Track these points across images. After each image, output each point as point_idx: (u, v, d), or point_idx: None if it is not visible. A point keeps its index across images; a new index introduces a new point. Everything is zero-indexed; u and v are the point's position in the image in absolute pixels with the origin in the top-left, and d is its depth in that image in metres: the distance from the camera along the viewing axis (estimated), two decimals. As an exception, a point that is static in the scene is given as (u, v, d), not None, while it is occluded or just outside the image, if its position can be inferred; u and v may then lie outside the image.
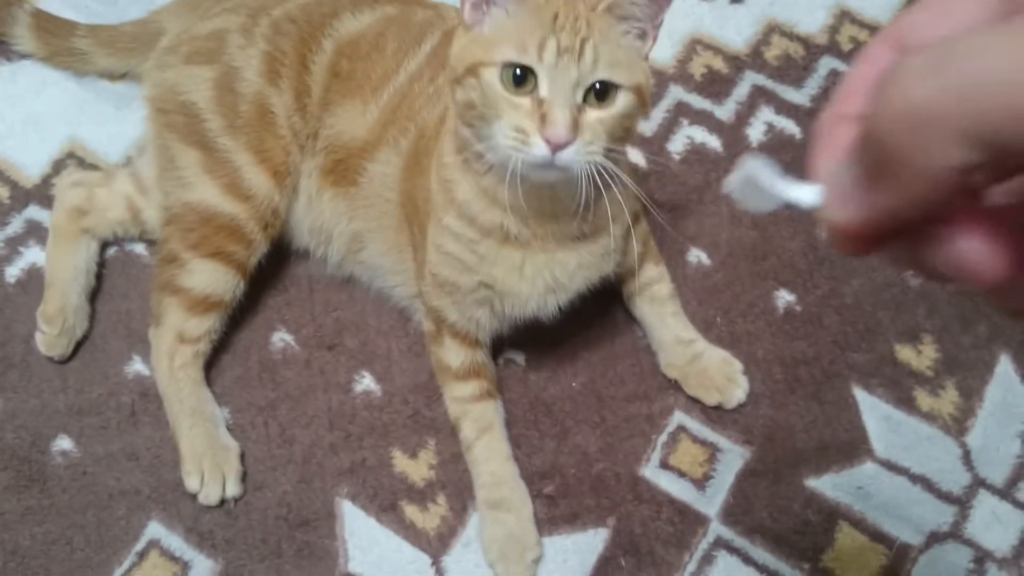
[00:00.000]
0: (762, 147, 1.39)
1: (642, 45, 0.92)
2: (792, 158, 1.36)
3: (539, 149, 0.86)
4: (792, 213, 1.30)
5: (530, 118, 0.86)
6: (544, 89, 0.86)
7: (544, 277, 1.02)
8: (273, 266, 1.23)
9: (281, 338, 1.24)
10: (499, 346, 1.22)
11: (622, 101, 0.89)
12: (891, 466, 1.17)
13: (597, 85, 0.87)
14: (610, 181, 0.89)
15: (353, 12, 1.19)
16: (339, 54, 1.17)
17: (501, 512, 1.11)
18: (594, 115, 0.88)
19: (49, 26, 1.35)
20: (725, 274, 1.29)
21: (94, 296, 1.26)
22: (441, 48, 1.13)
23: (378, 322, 1.25)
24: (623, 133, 0.91)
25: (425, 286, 1.10)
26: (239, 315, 1.23)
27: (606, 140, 0.88)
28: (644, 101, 0.92)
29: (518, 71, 0.86)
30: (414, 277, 1.15)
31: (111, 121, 1.37)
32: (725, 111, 1.42)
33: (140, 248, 1.30)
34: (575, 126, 0.86)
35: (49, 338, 1.20)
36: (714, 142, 1.40)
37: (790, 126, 1.41)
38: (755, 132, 1.40)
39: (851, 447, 1.18)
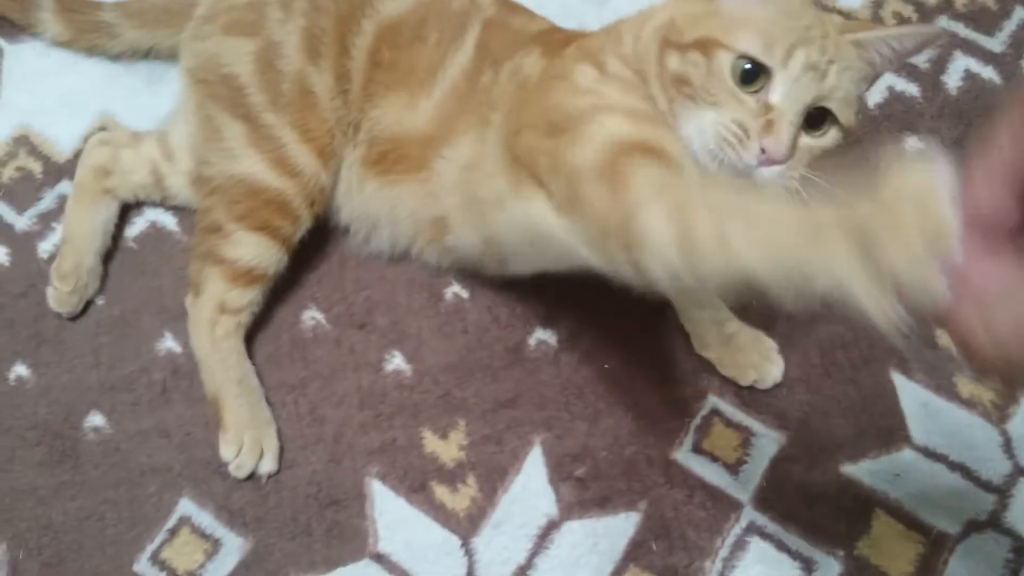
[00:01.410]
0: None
1: (865, 86, 0.92)
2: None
3: (750, 155, 0.84)
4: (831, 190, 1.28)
5: (754, 119, 0.84)
6: (777, 96, 0.84)
7: None
8: (304, 244, 1.22)
9: (312, 316, 1.24)
10: (531, 325, 1.20)
11: (832, 137, 0.89)
12: (929, 453, 1.15)
13: (818, 113, 0.86)
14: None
15: None
16: (380, 40, 1.14)
17: None
18: (807, 141, 0.87)
19: (73, 5, 1.34)
20: None
21: (114, 265, 1.27)
22: (485, 39, 1.12)
23: (408, 301, 1.24)
24: (817, 163, 0.90)
25: (595, 128, 0.88)
26: (274, 291, 1.22)
27: (805, 168, 0.87)
28: (849, 134, 0.91)
29: (753, 69, 0.84)
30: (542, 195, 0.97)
31: (143, 95, 1.36)
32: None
33: (171, 224, 1.29)
34: (793, 145, 0.85)
35: (61, 295, 1.20)
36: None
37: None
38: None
39: (888, 433, 1.16)
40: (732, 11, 0.88)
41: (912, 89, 1.38)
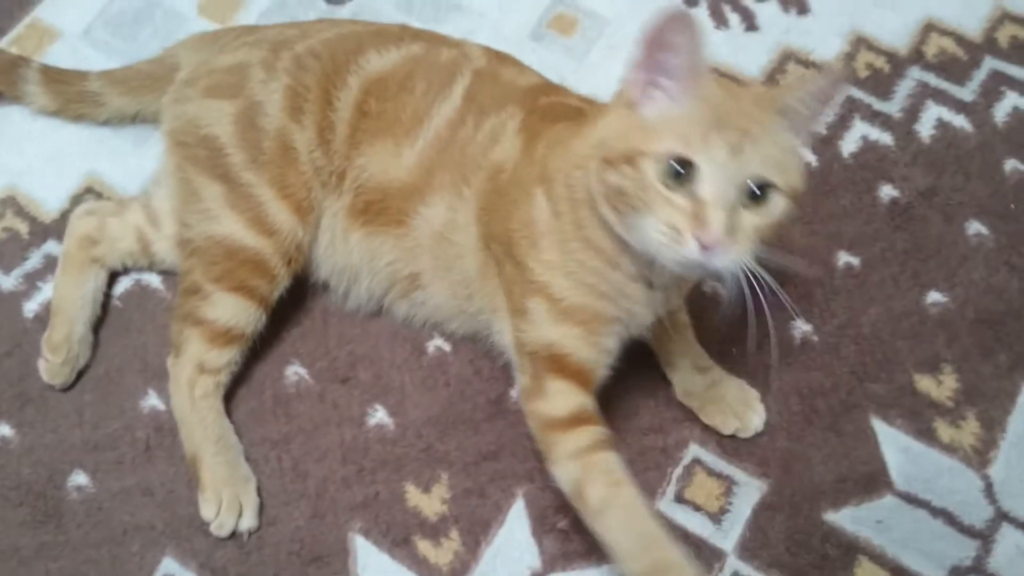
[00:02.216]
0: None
1: (798, 139, 0.93)
2: (808, 188, 1.33)
3: (690, 251, 0.86)
4: (809, 243, 1.29)
5: (684, 216, 0.86)
6: (704, 186, 0.86)
7: (662, 302, 1.06)
8: (285, 300, 1.22)
9: (295, 371, 1.24)
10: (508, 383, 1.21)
11: (778, 205, 0.89)
12: (911, 499, 1.15)
13: (756, 187, 0.87)
14: (755, 281, 0.89)
15: (378, 50, 1.19)
16: (366, 92, 1.16)
17: None
18: (750, 220, 0.88)
19: (59, 76, 1.36)
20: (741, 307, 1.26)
21: (101, 327, 1.27)
22: (474, 89, 1.13)
23: (392, 355, 1.25)
24: (773, 236, 0.91)
25: (528, 323, 1.04)
26: (254, 348, 1.22)
27: (756, 244, 0.89)
28: (796, 201, 0.92)
29: (678, 166, 0.86)
30: (507, 318, 1.09)
31: (129, 156, 1.39)
32: None
33: (156, 282, 1.30)
34: (731, 229, 0.86)
35: (53, 366, 1.20)
36: None
37: (806, 155, 1.36)
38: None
39: (870, 480, 1.16)
40: (650, 119, 0.90)
41: (886, 138, 1.40)
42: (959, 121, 1.41)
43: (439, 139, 1.12)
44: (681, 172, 0.86)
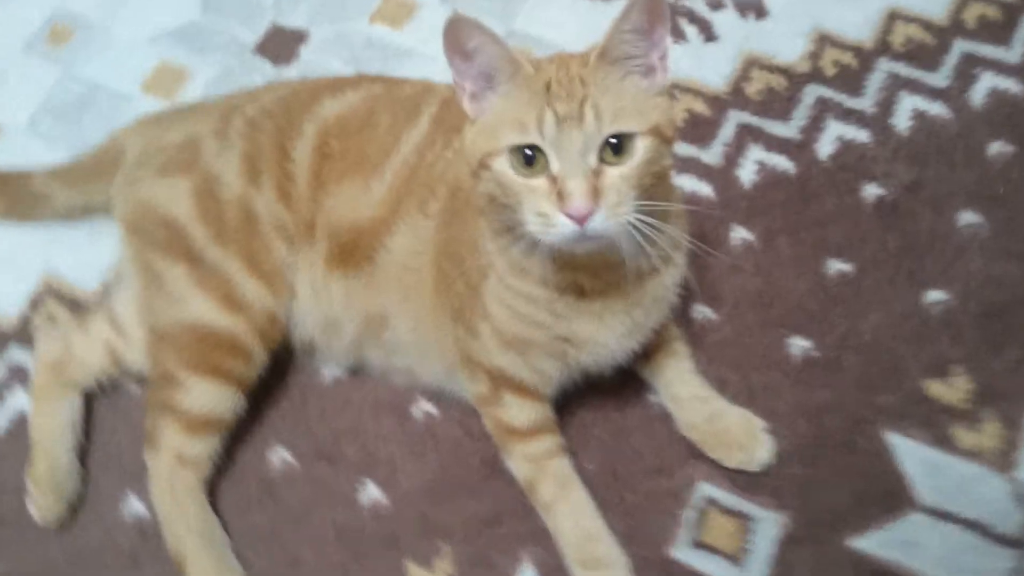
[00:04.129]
0: (755, 187, 1.32)
1: (650, 81, 0.89)
2: (786, 196, 1.30)
3: (565, 227, 0.84)
4: (796, 252, 1.24)
5: (547, 198, 0.85)
6: (554, 164, 0.85)
7: (624, 321, 1.01)
8: (262, 380, 1.17)
9: (278, 454, 1.19)
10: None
11: (641, 149, 0.86)
12: (938, 513, 1.08)
13: (612, 140, 0.85)
14: (653, 230, 0.87)
15: (334, 95, 1.17)
16: (325, 135, 1.14)
17: (600, 571, 1.05)
18: (614, 173, 0.85)
19: (2, 178, 1.33)
20: (733, 327, 1.22)
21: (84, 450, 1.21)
22: (443, 114, 1.12)
23: (376, 426, 1.20)
24: (653, 180, 0.88)
25: (480, 344, 1.05)
26: (234, 434, 1.17)
27: (635, 194, 0.86)
28: (667, 138, 0.89)
29: (527, 152, 0.86)
30: (457, 338, 1.09)
31: (85, 250, 1.34)
32: (713, 155, 1.36)
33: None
34: (594, 193, 0.84)
35: (41, 503, 1.14)
36: (705, 189, 1.33)
37: (782, 162, 1.34)
38: (746, 173, 1.34)
39: (892, 498, 1.09)
40: (490, 122, 0.89)
41: (862, 135, 1.35)
42: (936, 109, 1.37)
43: (407, 166, 1.10)
44: (532, 157, 0.86)
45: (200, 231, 1.11)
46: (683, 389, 1.15)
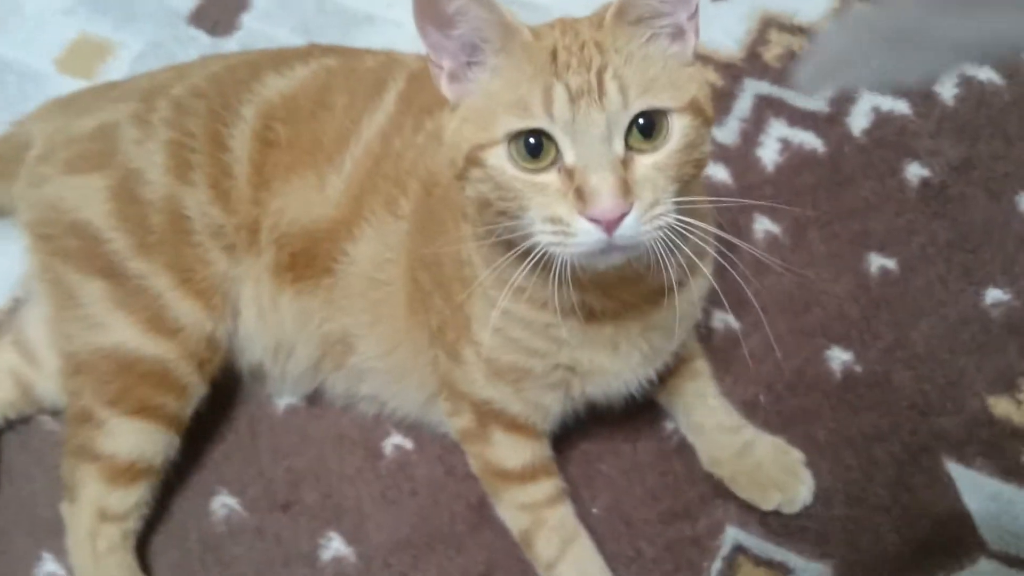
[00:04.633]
0: (779, 170, 1.17)
1: (680, 46, 0.75)
2: (816, 180, 1.15)
3: (589, 235, 0.70)
4: (831, 248, 1.09)
5: (563, 199, 0.70)
6: (569, 153, 0.70)
7: (640, 347, 0.88)
8: (201, 413, 1.02)
9: (223, 503, 1.04)
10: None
11: (678, 129, 0.72)
12: (1011, 560, 0.95)
13: (640, 120, 0.70)
14: (689, 233, 0.73)
15: (279, 70, 1.02)
16: (268, 118, 0.99)
17: None
18: (647, 162, 0.71)
19: None
20: (761, 338, 1.08)
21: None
22: (412, 91, 0.99)
23: (340, 465, 1.06)
24: (693, 168, 0.74)
25: (464, 372, 0.93)
26: (168, 480, 1.02)
27: (674, 187, 0.72)
28: (707, 117, 0.74)
29: (531, 140, 0.71)
30: (436, 364, 0.97)
31: (-11, 258, 1.16)
32: (728, 132, 1.22)
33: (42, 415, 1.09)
34: (625, 187, 0.69)
35: None
36: (721, 173, 1.19)
37: (809, 139, 1.20)
38: (768, 153, 1.20)
39: (957, 543, 0.97)
40: (473, 106, 0.75)
41: (901, 106, 1.22)
42: (985, 73, 1.24)
43: (370, 155, 0.97)
44: (538, 146, 0.71)
45: (120, 240, 0.96)
46: (706, 418, 1.01)
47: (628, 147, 0.70)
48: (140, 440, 0.97)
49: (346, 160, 0.97)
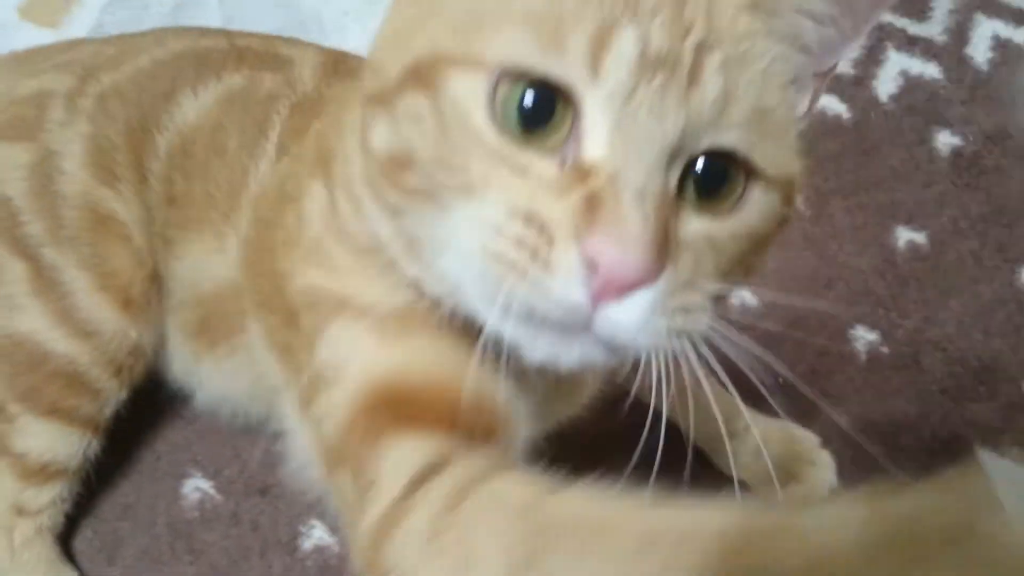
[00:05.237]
0: (801, 136, 1.09)
1: (799, 101, 0.53)
2: (841, 148, 1.10)
3: (569, 286, 0.44)
4: (855, 220, 1.03)
5: (557, 195, 0.45)
6: (600, 144, 0.45)
7: (534, 405, 0.59)
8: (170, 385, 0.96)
9: (196, 487, 0.97)
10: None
11: (759, 203, 0.49)
12: (1050, 559, 0.87)
13: (711, 162, 0.47)
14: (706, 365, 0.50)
15: (194, 88, 0.87)
16: (172, 166, 0.85)
17: None
18: (699, 228, 0.48)
19: None
20: (780, 316, 1.00)
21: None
22: (288, 132, 0.82)
23: (324, 446, 0.96)
24: (744, 273, 0.53)
25: (338, 367, 0.62)
26: (132, 461, 0.97)
27: (716, 287, 0.49)
28: (790, 202, 0.53)
29: (536, 94, 0.46)
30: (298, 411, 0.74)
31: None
32: None
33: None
34: (663, 243, 0.45)
35: None
36: None
37: (832, 104, 1.14)
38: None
39: None
40: None
41: (931, 70, 1.17)
42: (1022, 36, 1.19)
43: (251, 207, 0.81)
44: (547, 110, 0.46)
45: (35, 224, 0.86)
46: (706, 425, 0.89)
47: (679, 192, 0.47)
48: (52, 441, 0.89)
49: (241, 217, 0.83)
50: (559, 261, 0.43)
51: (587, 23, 0.44)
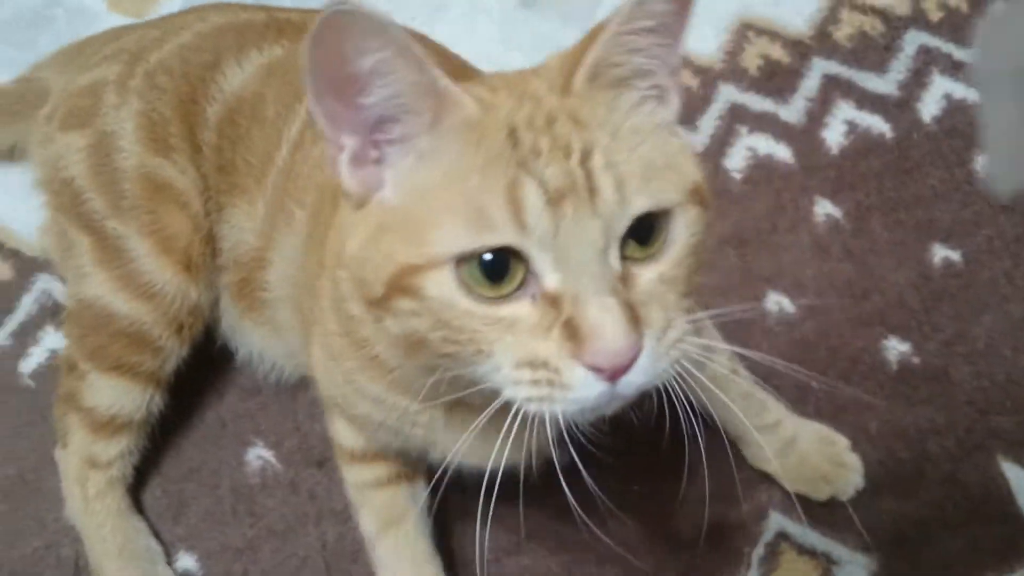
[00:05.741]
0: (844, 153, 1.12)
1: (665, 112, 0.60)
2: (882, 166, 1.10)
3: (589, 388, 0.54)
4: (894, 236, 1.05)
5: (545, 336, 0.54)
6: (551, 276, 0.54)
7: (523, 439, 0.59)
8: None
9: (258, 455, 1.01)
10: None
11: (683, 227, 0.57)
12: (1065, 566, 0.91)
13: (639, 223, 0.55)
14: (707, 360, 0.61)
15: (238, 59, 0.92)
16: (221, 135, 0.91)
17: None
18: (650, 275, 0.56)
19: None
20: (816, 323, 1.04)
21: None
22: None
23: (378, 424, 1.00)
24: (696, 274, 0.59)
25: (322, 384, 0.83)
26: (199, 428, 1.01)
27: (685, 303, 0.57)
28: (708, 203, 0.59)
29: (490, 259, 0.53)
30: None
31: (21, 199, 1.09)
32: (793, 111, 1.16)
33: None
34: (634, 317, 0.53)
35: None
36: (783, 152, 1.13)
37: (877, 123, 1.14)
38: (834, 135, 1.14)
39: (1008, 545, 0.93)
40: (394, 206, 0.57)
41: (974, 95, 1.15)
42: None
43: (282, 174, 0.88)
44: (503, 267, 0.54)
45: (98, 200, 0.93)
46: (737, 422, 0.91)
47: (623, 257, 0.55)
48: (117, 396, 0.94)
49: (268, 183, 0.89)
50: (571, 379, 0.53)
51: (497, 192, 0.53)
